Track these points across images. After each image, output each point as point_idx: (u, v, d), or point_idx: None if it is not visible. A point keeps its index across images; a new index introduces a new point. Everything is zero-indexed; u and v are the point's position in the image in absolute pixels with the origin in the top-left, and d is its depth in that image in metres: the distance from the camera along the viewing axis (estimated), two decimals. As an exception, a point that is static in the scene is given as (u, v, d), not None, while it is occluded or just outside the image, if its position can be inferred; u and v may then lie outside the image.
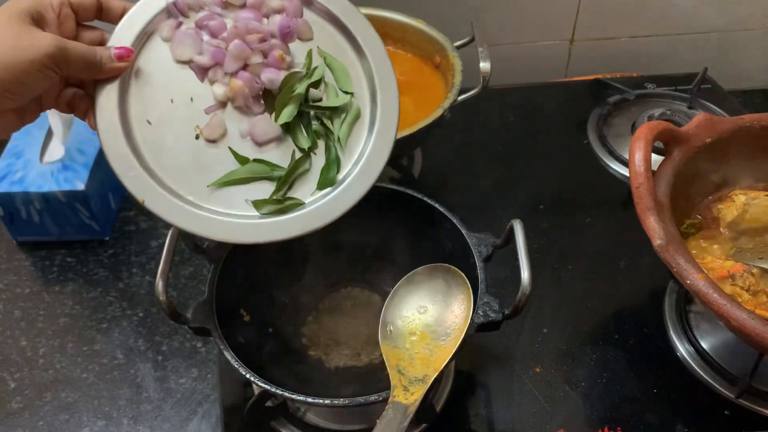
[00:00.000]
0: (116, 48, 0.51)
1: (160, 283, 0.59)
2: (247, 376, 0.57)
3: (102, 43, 0.53)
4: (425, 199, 0.70)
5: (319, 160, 0.55)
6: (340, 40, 0.58)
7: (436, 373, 0.56)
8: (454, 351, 0.57)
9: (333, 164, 0.55)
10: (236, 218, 0.53)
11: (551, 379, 0.73)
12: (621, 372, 0.73)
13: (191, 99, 0.54)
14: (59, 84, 0.52)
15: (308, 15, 0.58)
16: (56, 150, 0.87)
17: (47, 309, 0.82)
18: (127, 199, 0.95)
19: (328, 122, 0.56)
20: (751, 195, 0.75)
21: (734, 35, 1.17)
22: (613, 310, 0.80)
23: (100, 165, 0.87)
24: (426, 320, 0.62)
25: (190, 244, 0.65)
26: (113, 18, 0.53)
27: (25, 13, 0.47)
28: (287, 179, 0.54)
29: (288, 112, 0.54)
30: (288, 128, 0.55)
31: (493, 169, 1.00)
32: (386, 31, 0.95)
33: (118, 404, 0.72)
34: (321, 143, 0.56)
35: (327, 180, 0.55)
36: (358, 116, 0.56)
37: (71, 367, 0.76)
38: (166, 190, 0.52)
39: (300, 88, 0.55)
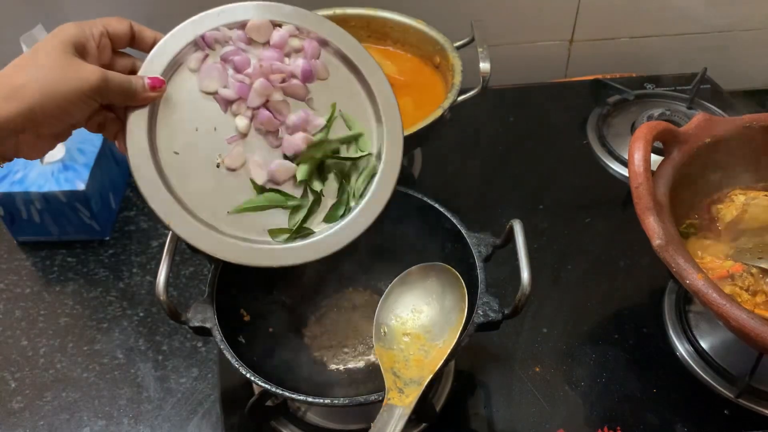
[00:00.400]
0: (149, 78, 0.54)
1: (160, 283, 0.60)
2: (248, 375, 0.57)
3: (133, 68, 0.56)
4: (425, 199, 0.70)
5: (327, 198, 0.60)
6: (353, 82, 0.62)
7: (431, 375, 0.56)
8: (449, 352, 0.57)
9: (342, 206, 0.60)
10: (253, 243, 0.56)
11: (551, 378, 0.73)
12: (621, 372, 0.73)
13: (215, 128, 0.58)
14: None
15: (323, 54, 0.62)
16: (57, 150, 0.87)
17: (48, 309, 0.82)
18: (127, 199, 0.95)
19: (345, 171, 0.60)
20: (751, 195, 0.75)
21: (734, 35, 1.17)
22: (612, 310, 0.80)
23: (101, 165, 0.87)
24: (420, 321, 0.62)
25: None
26: (144, 47, 0.57)
27: (69, 44, 0.50)
28: (304, 216, 0.58)
29: (304, 170, 0.59)
30: None
31: (493, 169, 1.00)
32: (386, 31, 0.95)
33: (118, 404, 0.72)
34: (330, 184, 0.60)
35: (332, 216, 0.59)
36: (373, 173, 0.61)
37: (72, 367, 0.76)
38: (190, 214, 0.55)
39: (318, 155, 0.59)
